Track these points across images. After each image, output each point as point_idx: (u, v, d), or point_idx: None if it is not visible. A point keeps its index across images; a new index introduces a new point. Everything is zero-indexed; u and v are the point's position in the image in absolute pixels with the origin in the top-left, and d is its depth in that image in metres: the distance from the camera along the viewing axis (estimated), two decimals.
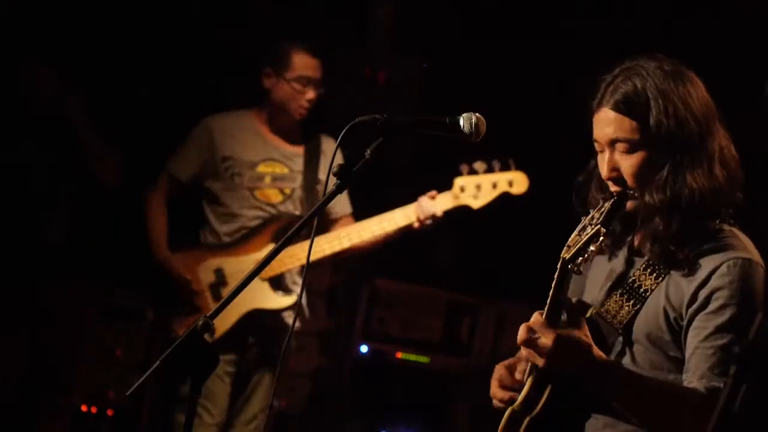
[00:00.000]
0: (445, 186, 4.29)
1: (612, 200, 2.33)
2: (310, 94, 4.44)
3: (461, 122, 2.37)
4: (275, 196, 4.48)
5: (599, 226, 2.23)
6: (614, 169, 2.43)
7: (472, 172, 4.28)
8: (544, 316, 2.34)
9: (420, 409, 5.69)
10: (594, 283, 2.55)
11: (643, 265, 2.45)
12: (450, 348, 5.76)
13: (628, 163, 2.41)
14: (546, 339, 2.30)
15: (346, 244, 4.33)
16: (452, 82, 5.63)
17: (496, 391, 2.54)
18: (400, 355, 5.71)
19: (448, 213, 4.29)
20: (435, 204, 4.25)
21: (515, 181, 4.30)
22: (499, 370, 2.57)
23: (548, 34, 5.54)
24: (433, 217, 4.25)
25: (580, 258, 2.24)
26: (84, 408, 5.16)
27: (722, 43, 4.52)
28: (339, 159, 4.25)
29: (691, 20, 4.87)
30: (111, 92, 4.99)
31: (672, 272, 2.41)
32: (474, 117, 2.37)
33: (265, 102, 4.52)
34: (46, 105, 4.61)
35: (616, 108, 2.41)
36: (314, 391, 5.61)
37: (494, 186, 4.29)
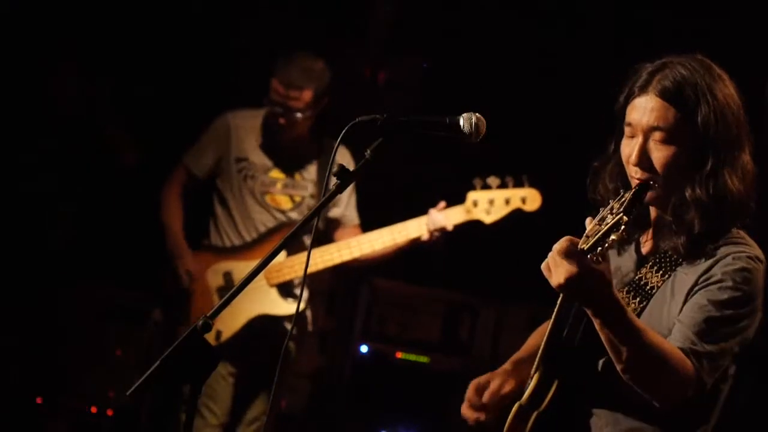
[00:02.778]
0: (457, 199, 4.29)
1: (633, 190, 2.30)
2: (281, 120, 4.40)
3: (461, 122, 2.36)
4: (285, 203, 4.47)
5: (621, 214, 2.19)
6: (644, 156, 2.41)
7: (486, 186, 4.28)
8: (553, 319, 2.35)
9: (420, 409, 5.68)
10: None
11: (650, 263, 2.46)
12: (450, 348, 5.76)
13: (661, 154, 2.40)
14: (570, 264, 2.19)
15: (356, 253, 4.32)
16: (452, 82, 5.63)
17: (465, 411, 2.57)
18: (399, 355, 5.71)
19: (459, 227, 4.29)
20: (446, 217, 4.25)
21: (528, 198, 4.30)
22: (471, 388, 2.59)
23: (548, 34, 5.54)
24: (443, 230, 4.24)
25: (600, 248, 2.22)
26: (84, 408, 5.17)
27: (722, 43, 4.51)
28: (347, 162, 4.30)
29: (691, 20, 4.87)
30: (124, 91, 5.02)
31: (678, 269, 2.42)
32: (474, 117, 2.37)
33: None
34: (73, 104, 4.64)
35: (664, 96, 2.39)
36: (314, 391, 5.61)
37: (507, 202, 4.28)
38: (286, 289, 4.36)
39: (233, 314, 4.24)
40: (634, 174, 2.43)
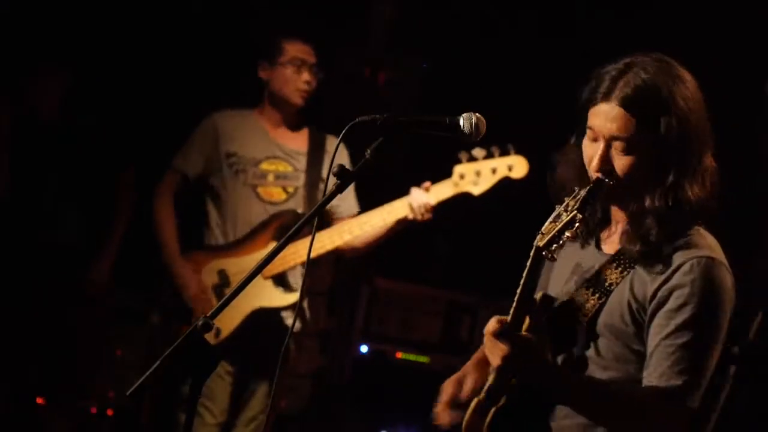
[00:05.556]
0: (445, 175, 4.28)
1: (588, 188, 2.31)
2: (306, 76, 4.44)
3: (461, 122, 2.37)
4: (278, 195, 4.48)
5: (575, 212, 2.22)
6: (606, 162, 2.42)
7: (472, 159, 4.26)
8: (513, 307, 2.37)
9: (420, 409, 5.67)
10: (559, 275, 2.58)
11: (609, 260, 2.47)
12: (450, 348, 5.76)
13: (623, 162, 2.40)
14: (503, 344, 2.34)
15: (346, 237, 4.31)
16: (452, 82, 5.63)
17: (442, 413, 2.65)
18: (399, 355, 5.71)
19: (448, 201, 4.27)
20: (428, 194, 4.24)
21: (515, 166, 4.27)
22: (448, 388, 2.66)
23: (548, 34, 5.54)
24: (426, 206, 4.23)
25: (555, 245, 2.25)
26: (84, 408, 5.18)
27: (722, 43, 4.52)
28: (343, 160, 4.30)
29: (691, 20, 4.87)
30: (115, 96, 5.03)
31: (637, 267, 2.43)
32: (474, 117, 2.37)
33: (265, 96, 4.53)
34: (53, 109, 4.65)
35: (625, 105, 2.39)
36: (314, 391, 5.61)
37: (494, 171, 4.26)
38: (280, 281, 4.36)
39: (231, 310, 4.21)
40: (593, 178, 2.44)
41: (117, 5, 5.40)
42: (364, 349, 5.69)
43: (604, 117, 2.41)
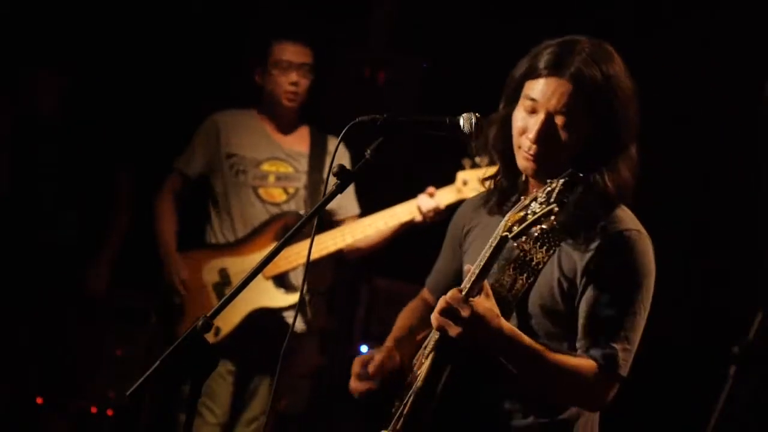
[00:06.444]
0: (448, 181, 4.29)
1: (563, 180, 2.25)
2: (292, 77, 4.45)
3: (461, 122, 2.37)
4: (279, 195, 4.48)
5: (554, 205, 2.19)
6: (544, 135, 2.43)
7: (475, 165, 4.27)
8: (465, 291, 2.35)
9: None
10: (477, 251, 2.52)
11: (532, 239, 2.46)
12: None
13: (561, 137, 2.42)
14: (464, 311, 2.30)
15: (349, 240, 4.33)
16: (452, 82, 5.63)
17: (353, 384, 2.82)
18: None
19: (451, 207, 4.27)
20: (435, 199, 4.24)
21: None
22: (356, 363, 2.82)
23: (548, 34, 5.54)
24: (436, 209, 4.23)
25: (524, 236, 2.25)
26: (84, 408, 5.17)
27: (722, 42, 4.52)
28: (343, 160, 4.31)
29: (691, 19, 4.87)
30: (114, 96, 5.03)
31: (562, 244, 2.45)
32: (474, 117, 2.38)
33: (262, 100, 4.54)
34: (52, 110, 4.65)
35: (577, 83, 2.40)
36: (314, 391, 5.61)
37: None
38: (281, 281, 4.36)
39: (231, 309, 4.21)
40: (526, 148, 2.46)
41: (117, 5, 5.40)
42: (364, 349, 5.68)
43: (552, 90, 2.42)
